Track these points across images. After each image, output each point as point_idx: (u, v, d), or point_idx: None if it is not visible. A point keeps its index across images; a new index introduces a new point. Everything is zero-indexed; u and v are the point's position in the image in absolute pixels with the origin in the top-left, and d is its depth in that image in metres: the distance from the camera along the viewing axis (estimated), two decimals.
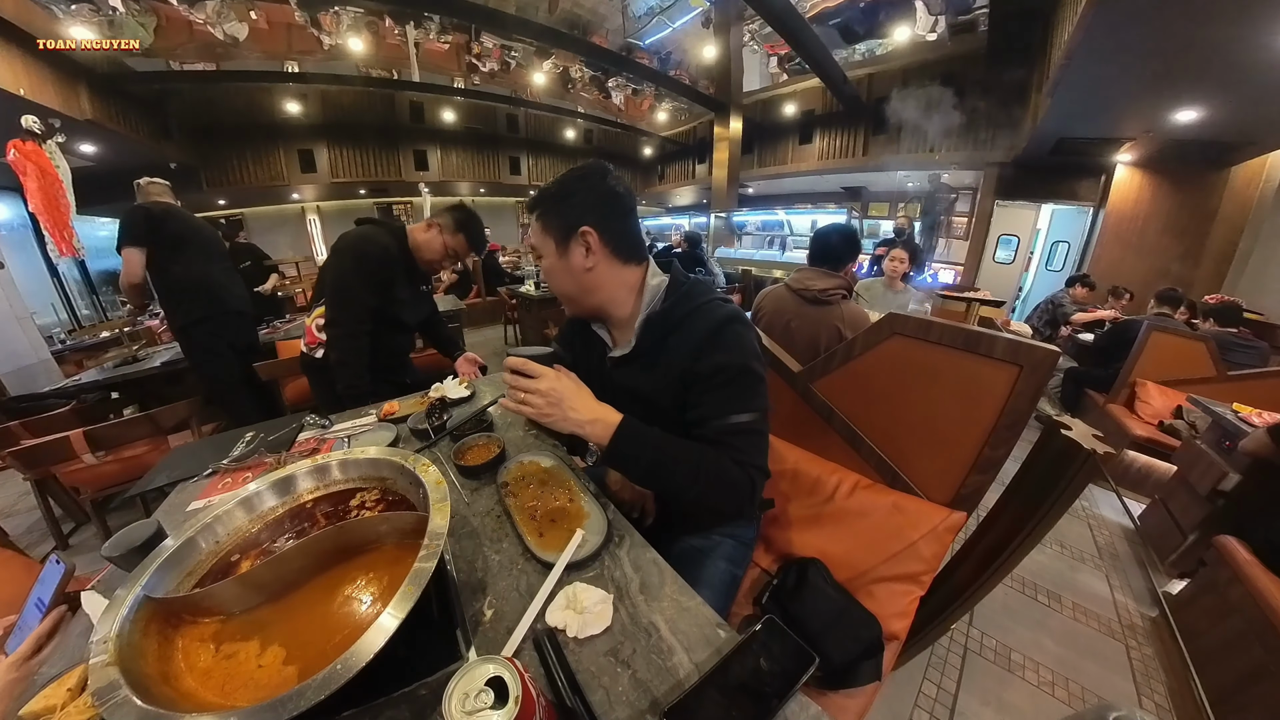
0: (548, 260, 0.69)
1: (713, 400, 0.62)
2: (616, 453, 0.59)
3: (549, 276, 0.71)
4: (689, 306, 0.66)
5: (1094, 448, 0.61)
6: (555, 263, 0.68)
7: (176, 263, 1.74)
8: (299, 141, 6.68)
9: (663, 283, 0.70)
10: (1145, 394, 2.26)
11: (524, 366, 0.59)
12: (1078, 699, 1.15)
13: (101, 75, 3.84)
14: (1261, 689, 1.01)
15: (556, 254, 0.67)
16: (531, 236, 0.73)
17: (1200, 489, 1.57)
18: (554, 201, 0.67)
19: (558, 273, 0.69)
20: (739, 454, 0.60)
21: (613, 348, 0.75)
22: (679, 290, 0.68)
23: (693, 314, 0.65)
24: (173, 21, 4.12)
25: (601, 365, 0.76)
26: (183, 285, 1.76)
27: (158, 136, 4.98)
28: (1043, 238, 5.45)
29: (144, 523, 0.53)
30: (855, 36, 5.80)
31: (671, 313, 0.67)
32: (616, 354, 0.73)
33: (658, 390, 0.68)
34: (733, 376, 0.61)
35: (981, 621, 1.36)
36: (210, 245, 1.88)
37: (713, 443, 0.60)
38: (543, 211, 0.67)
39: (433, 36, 5.20)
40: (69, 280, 4.87)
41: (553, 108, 7.15)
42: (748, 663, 0.45)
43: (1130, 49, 2.34)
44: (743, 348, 0.63)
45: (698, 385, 0.62)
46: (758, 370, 0.63)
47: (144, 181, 1.82)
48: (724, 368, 0.61)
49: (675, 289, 0.68)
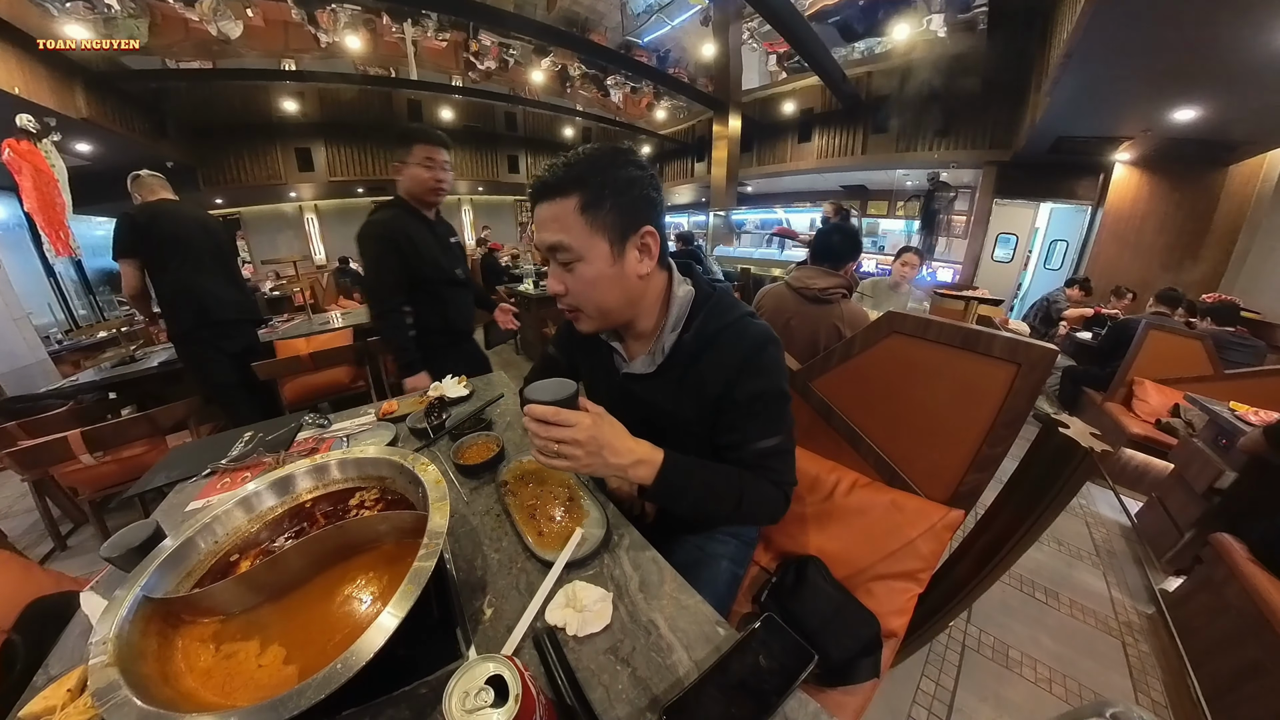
0: (593, 267, 0.55)
1: (749, 427, 0.59)
2: (661, 492, 0.55)
3: (590, 286, 0.56)
4: (721, 323, 0.60)
5: (1092, 446, 0.61)
6: (605, 270, 0.55)
7: (166, 270, 1.67)
8: (296, 140, 6.65)
9: (690, 293, 0.62)
10: (1143, 392, 2.27)
11: (556, 418, 0.50)
12: (1075, 695, 1.16)
13: (97, 74, 3.81)
14: (1257, 685, 1.01)
15: (610, 258, 0.55)
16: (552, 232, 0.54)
17: (1197, 487, 1.58)
18: (610, 192, 0.53)
19: (606, 282, 0.56)
20: (775, 474, 0.60)
21: (627, 360, 0.68)
22: (707, 303, 0.62)
23: (725, 331, 0.60)
24: (168, 19, 4.09)
25: (609, 376, 0.70)
26: (172, 295, 1.69)
27: (154, 135, 4.96)
28: (1041, 236, 5.46)
29: (143, 523, 0.52)
30: (854, 35, 5.79)
31: (704, 329, 0.60)
32: (636, 370, 0.65)
33: (684, 409, 0.63)
34: (769, 402, 0.59)
35: (979, 619, 1.36)
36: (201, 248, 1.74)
37: (748, 466, 0.59)
38: (588, 202, 0.52)
39: (430, 34, 5.18)
40: (65, 280, 4.85)
41: (551, 106, 7.13)
42: (747, 660, 0.45)
43: (1129, 48, 2.34)
44: (779, 372, 0.60)
45: (734, 411, 0.59)
46: (788, 392, 0.62)
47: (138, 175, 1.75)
48: (761, 394, 0.58)
49: (703, 301, 0.62)
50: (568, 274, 0.57)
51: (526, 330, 4.02)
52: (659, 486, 0.54)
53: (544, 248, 0.56)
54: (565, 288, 0.58)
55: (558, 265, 0.57)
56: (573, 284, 0.57)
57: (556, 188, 0.53)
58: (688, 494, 0.56)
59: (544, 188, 0.54)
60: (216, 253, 1.84)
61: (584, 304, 0.59)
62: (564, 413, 0.50)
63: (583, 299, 0.58)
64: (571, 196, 0.53)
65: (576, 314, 0.60)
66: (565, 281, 0.57)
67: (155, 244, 1.64)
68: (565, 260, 0.55)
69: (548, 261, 0.59)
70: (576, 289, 0.57)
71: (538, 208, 0.56)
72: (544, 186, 0.54)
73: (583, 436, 0.50)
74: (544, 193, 0.54)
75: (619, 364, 0.69)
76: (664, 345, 0.62)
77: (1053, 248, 5.36)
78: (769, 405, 0.59)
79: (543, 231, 0.56)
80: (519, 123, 8.56)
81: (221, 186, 6.41)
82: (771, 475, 0.59)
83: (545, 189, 0.54)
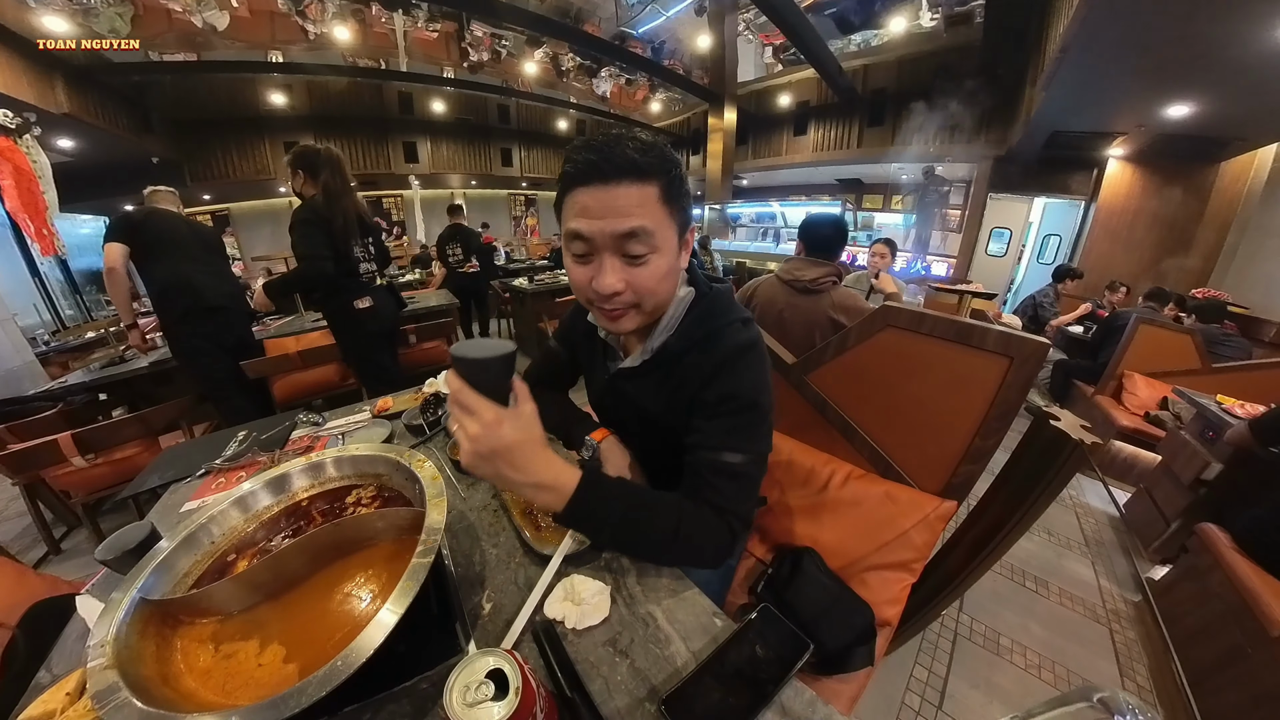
0: (666, 260, 0.50)
1: (711, 429, 0.55)
2: (571, 523, 0.48)
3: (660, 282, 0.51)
4: (709, 326, 0.58)
5: (1082, 438, 0.62)
6: (673, 264, 0.52)
7: (157, 261, 1.77)
8: (285, 134, 6.52)
9: (690, 293, 0.60)
10: (1132, 385, 2.30)
11: (459, 396, 0.41)
12: (1063, 681, 1.19)
13: (78, 67, 3.71)
14: (1238, 670, 1.04)
15: (676, 253, 0.52)
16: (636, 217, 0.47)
17: (1184, 478, 1.61)
18: (681, 183, 0.50)
19: (671, 278, 0.53)
20: (721, 498, 0.52)
21: (622, 356, 0.66)
22: (702, 304, 0.59)
23: (712, 335, 0.57)
24: (150, 10, 3.98)
25: (603, 370, 0.68)
26: (163, 283, 1.79)
27: (138, 130, 4.84)
28: (1035, 231, 5.50)
29: (137, 525, 0.52)
30: (851, 27, 5.76)
31: (692, 331, 0.58)
32: (626, 365, 0.64)
33: (665, 410, 0.61)
34: (736, 409, 0.54)
35: (971, 607, 1.39)
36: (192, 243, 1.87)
37: (698, 476, 0.54)
38: (669, 190, 0.48)
39: (421, 25, 5.08)
40: (51, 280, 4.74)
41: (545, 98, 7.04)
42: (744, 650, 0.46)
43: (1124, 42, 2.35)
44: (755, 381, 0.55)
45: (703, 411, 0.56)
46: (764, 406, 0.56)
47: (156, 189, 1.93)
48: (730, 398, 0.54)
49: (699, 301, 0.59)
50: (635, 268, 0.49)
51: (521, 325, 4.01)
52: (568, 517, 0.47)
53: (614, 234, 0.47)
54: (626, 283, 0.50)
55: (620, 258, 0.49)
56: (639, 279, 0.50)
57: (642, 170, 0.46)
58: (605, 529, 0.49)
59: (627, 166, 0.46)
60: (207, 248, 1.95)
61: (645, 300, 0.52)
62: (469, 395, 0.40)
63: (646, 295, 0.51)
64: (653, 183, 0.47)
65: (626, 313, 0.53)
66: (629, 276, 0.50)
67: (147, 237, 1.75)
68: (639, 252, 0.48)
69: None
70: (643, 285, 0.50)
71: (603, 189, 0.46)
72: (626, 165, 0.46)
73: (473, 431, 0.40)
74: (622, 171, 0.46)
75: (612, 359, 0.68)
76: (653, 344, 0.60)
77: (1046, 242, 5.40)
78: (737, 414, 0.54)
79: (618, 216, 0.47)
80: (512, 115, 8.45)
81: (209, 182, 6.29)
82: (716, 498, 0.52)
83: (628, 168, 0.46)
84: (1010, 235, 5.48)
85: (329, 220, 1.65)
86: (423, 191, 7.82)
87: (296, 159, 1.68)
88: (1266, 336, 2.82)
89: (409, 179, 7.47)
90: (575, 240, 0.50)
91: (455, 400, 0.41)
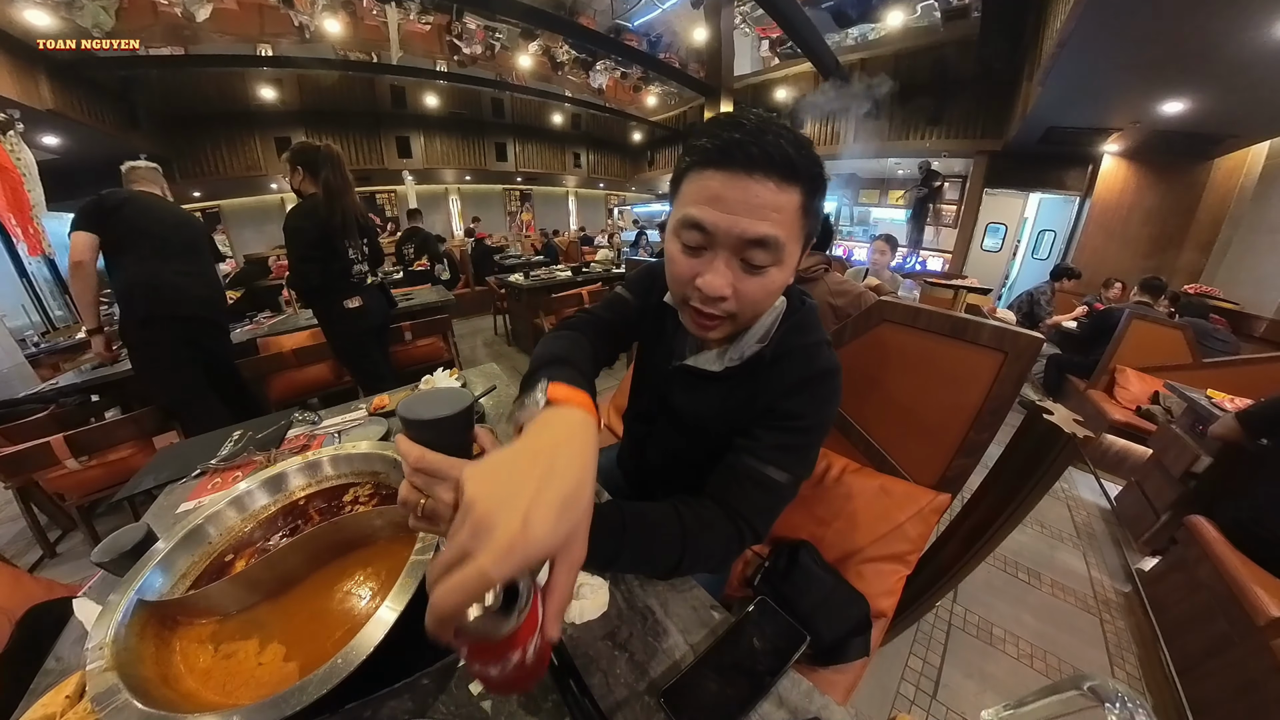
0: (785, 274, 0.45)
1: (766, 439, 0.50)
2: None
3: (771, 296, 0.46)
4: (797, 341, 0.54)
5: (1074, 432, 0.63)
6: (788, 278, 0.47)
7: (126, 256, 1.54)
8: (276, 129, 6.43)
9: (784, 304, 0.55)
10: (1124, 380, 2.33)
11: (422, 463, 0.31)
12: (1055, 670, 1.21)
13: (62, 61, 3.63)
14: (1225, 658, 1.06)
15: (796, 266, 0.47)
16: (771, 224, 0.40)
17: (1174, 471, 1.63)
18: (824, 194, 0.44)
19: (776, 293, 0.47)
20: (749, 507, 0.48)
21: (693, 349, 0.59)
22: (793, 316, 0.55)
23: (798, 350, 0.53)
24: (135, 2, 3.90)
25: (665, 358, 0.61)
26: (129, 282, 1.55)
27: (125, 126, 4.76)
28: (1030, 226, 5.52)
29: (133, 526, 0.52)
30: (848, 21, 5.72)
31: (782, 344, 0.53)
32: (701, 364, 0.56)
33: (720, 416, 0.56)
34: (800, 430, 0.51)
35: (965, 598, 1.41)
36: (172, 240, 1.63)
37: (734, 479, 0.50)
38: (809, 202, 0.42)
39: (413, 17, 5.01)
40: (39, 280, 4.67)
41: (540, 92, 6.97)
42: (742, 642, 0.47)
43: (1121, 38, 2.35)
44: (827, 408, 0.53)
45: (765, 420, 0.51)
46: (824, 433, 0.53)
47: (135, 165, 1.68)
48: (799, 416, 0.51)
49: (790, 315, 0.55)
50: (750, 277, 0.43)
51: (517, 321, 3.99)
52: None
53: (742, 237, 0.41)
54: (734, 291, 0.44)
55: (738, 262, 0.43)
56: (750, 290, 0.44)
57: (794, 167, 0.40)
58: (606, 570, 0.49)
59: (778, 158, 0.39)
60: (190, 246, 1.71)
61: (745, 313, 0.47)
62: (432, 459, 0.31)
63: (748, 308, 0.46)
64: (798, 186, 0.41)
65: (721, 323, 0.47)
66: (741, 285, 0.44)
67: (121, 227, 1.53)
68: (761, 263, 0.42)
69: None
70: (751, 297, 0.45)
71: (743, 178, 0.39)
72: (777, 156, 0.39)
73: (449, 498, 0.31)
74: (771, 163, 0.39)
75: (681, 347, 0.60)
76: (743, 351, 0.54)
77: (1040, 238, 5.42)
78: (798, 434, 0.50)
79: (752, 216, 0.40)
80: (507, 109, 8.37)
81: (199, 179, 6.20)
82: (738, 502, 0.48)
83: (779, 161, 0.39)
84: (1005, 230, 5.50)
85: (325, 220, 1.60)
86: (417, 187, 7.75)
87: (296, 155, 1.61)
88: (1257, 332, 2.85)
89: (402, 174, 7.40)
90: (691, 229, 0.42)
91: (419, 469, 0.31)
